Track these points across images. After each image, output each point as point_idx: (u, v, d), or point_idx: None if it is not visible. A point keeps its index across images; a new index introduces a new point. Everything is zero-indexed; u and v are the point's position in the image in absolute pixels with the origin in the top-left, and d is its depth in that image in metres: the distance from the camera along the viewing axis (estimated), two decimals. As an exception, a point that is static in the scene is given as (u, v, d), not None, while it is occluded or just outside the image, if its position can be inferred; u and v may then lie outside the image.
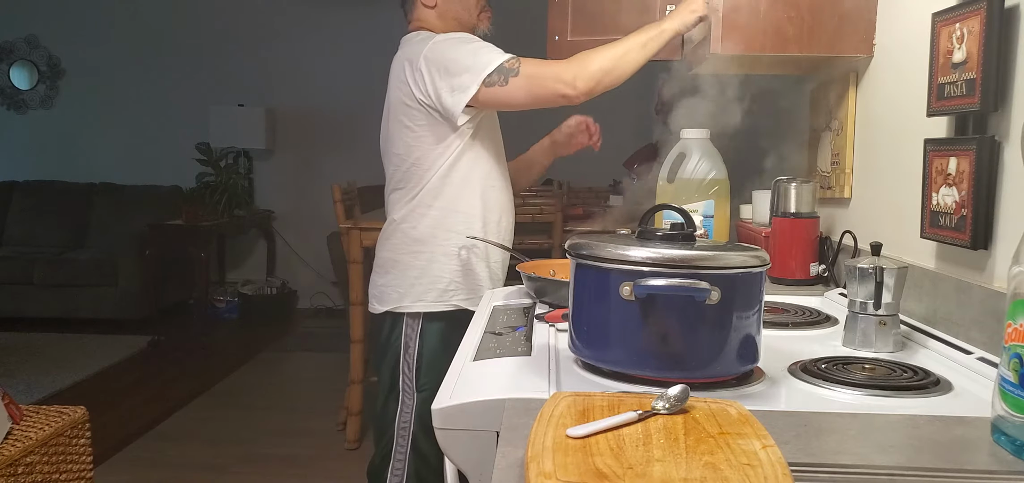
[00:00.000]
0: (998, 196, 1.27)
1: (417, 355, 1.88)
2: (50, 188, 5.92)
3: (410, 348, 1.88)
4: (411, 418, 1.88)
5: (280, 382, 4.44)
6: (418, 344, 1.88)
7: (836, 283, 1.83)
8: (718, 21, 1.74)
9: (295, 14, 5.94)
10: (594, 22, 2.21)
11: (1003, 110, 1.26)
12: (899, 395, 1.05)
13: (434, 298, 1.87)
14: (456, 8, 1.90)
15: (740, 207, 2.24)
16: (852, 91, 1.87)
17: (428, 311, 1.87)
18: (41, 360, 4.49)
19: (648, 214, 1.17)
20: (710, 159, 1.82)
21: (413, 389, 1.88)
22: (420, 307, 1.88)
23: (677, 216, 1.16)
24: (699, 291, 0.98)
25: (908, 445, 0.90)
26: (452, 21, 1.90)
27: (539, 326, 1.39)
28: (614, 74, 1.72)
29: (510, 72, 1.75)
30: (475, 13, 1.91)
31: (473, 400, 1.03)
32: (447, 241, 1.87)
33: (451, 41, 1.79)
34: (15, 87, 6.24)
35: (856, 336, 1.30)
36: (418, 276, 1.87)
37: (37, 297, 5.29)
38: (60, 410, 2.34)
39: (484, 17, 1.93)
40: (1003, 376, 0.83)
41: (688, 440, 0.79)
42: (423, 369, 1.89)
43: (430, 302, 1.88)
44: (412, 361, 1.88)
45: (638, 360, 1.04)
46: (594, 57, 1.72)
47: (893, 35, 1.69)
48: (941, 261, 1.45)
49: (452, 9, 1.90)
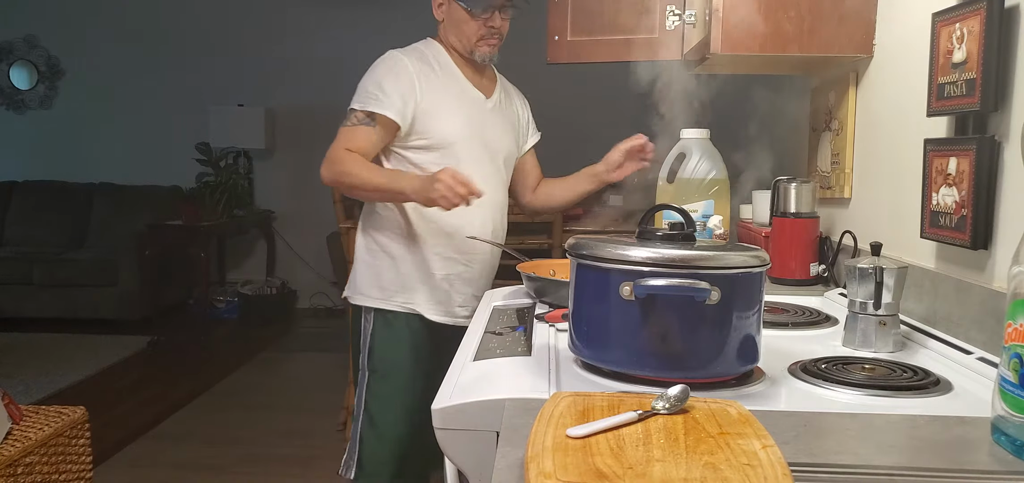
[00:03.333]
0: (998, 196, 1.27)
1: (368, 346, 1.97)
2: (50, 188, 5.91)
3: (362, 338, 1.99)
4: (362, 404, 1.97)
5: (280, 382, 4.44)
6: (369, 336, 1.97)
7: (836, 283, 1.83)
8: (718, 21, 1.74)
9: (295, 14, 5.94)
10: (594, 22, 2.20)
11: (1003, 110, 1.26)
12: (899, 395, 1.05)
13: (377, 296, 1.96)
14: (453, 30, 1.94)
15: (740, 207, 2.24)
16: (852, 91, 1.87)
17: (376, 307, 1.96)
18: (41, 360, 4.49)
19: (648, 214, 1.17)
20: (710, 159, 1.82)
21: (365, 379, 1.97)
22: (367, 302, 1.97)
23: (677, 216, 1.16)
24: (699, 291, 0.98)
25: (908, 445, 0.90)
26: (452, 39, 1.95)
27: (539, 326, 1.39)
28: (347, 188, 1.90)
29: (349, 119, 1.87)
30: (473, 40, 1.91)
31: (473, 400, 1.03)
32: (389, 243, 1.95)
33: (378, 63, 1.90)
34: (15, 87, 6.24)
35: (856, 336, 1.30)
36: (365, 272, 1.98)
37: (37, 297, 5.29)
38: (60, 410, 2.34)
39: (483, 44, 1.92)
40: (1003, 376, 0.83)
41: (688, 440, 0.79)
42: (373, 361, 1.97)
43: (375, 299, 1.96)
44: (364, 350, 1.98)
45: (638, 360, 1.04)
46: (350, 166, 1.83)
47: (893, 35, 1.69)
48: (941, 261, 1.44)
49: (451, 29, 1.94)
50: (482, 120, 1.97)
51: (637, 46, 2.16)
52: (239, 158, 5.92)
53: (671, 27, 2.07)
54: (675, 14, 2.05)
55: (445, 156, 1.88)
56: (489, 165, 1.97)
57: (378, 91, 1.85)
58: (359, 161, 1.84)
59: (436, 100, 1.89)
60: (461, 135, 1.91)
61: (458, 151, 1.90)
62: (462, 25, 1.91)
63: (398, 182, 1.83)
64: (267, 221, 6.09)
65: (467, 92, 1.96)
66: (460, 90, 1.96)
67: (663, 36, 2.11)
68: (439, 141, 1.89)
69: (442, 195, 1.72)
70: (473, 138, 1.93)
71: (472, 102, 1.97)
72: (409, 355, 1.96)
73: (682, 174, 1.82)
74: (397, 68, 1.87)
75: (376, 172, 1.87)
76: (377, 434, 1.93)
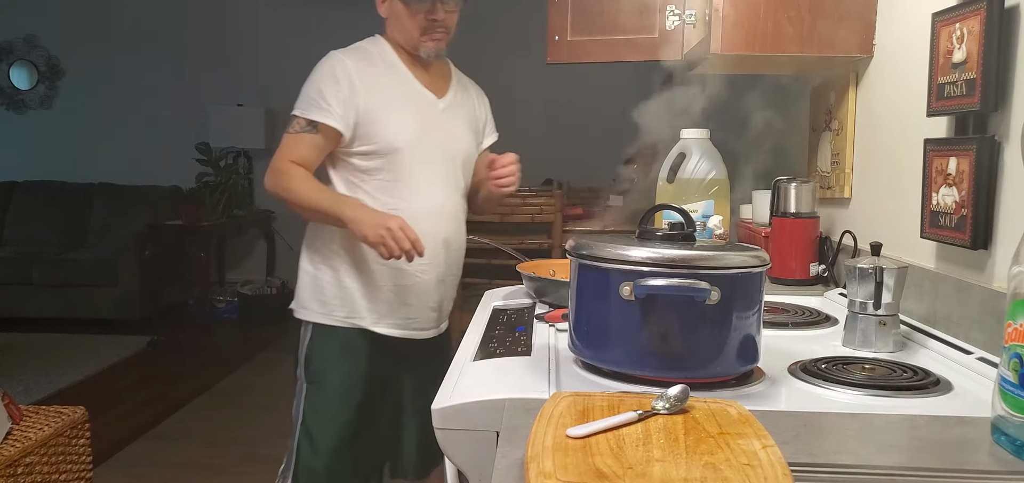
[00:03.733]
0: (998, 196, 1.27)
1: (305, 357, 1.90)
2: (50, 188, 5.91)
3: (301, 347, 1.91)
4: (299, 415, 1.90)
5: (280, 382, 4.43)
6: (306, 347, 1.89)
7: (836, 283, 1.83)
8: (718, 21, 1.74)
9: (295, 14, 5.94)
10: (594, 22, 2.20)
11: (1003, 110, 1.26)
12: (899, 395, 1.05)
13: (318, 310, 1.87)
14: (396, 26, 1.83)
15: (740, 207, 2.24)
16: (852, 91, 1.87)
17: (315, 321, 1.88)
18: (41, 360, 4.49)
19: (648, 214, 1.17)
20: (710, 159, 1.82)
21: (302, 391, 1.90)
22: (307, 316, 1.89)
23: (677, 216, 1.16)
24: (699, 291, 0.98)
25: (908, 445, 0.90)
26: (397, 36, 1.85)
27: (539, 326, 1.39)
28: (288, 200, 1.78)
29: (292, 126, 1.80)
30: (416, 35, 1.79)
31: (473, 400, 1.03)
32: (331, 255, 1.86)
33: (319, 66, 1.81)
34: (14, 87, 6.24)
35: (856, 336, 1.30)
36: (308, 285, 1.89)
37: (37, 297, 5.29)
38: (59, 410, 2.34)
39: (427, 39, 1.80)
40: (1003, 376, 0.83)
41: (688, 440, 0.79)
42: (309, 373, 1.89)
43: (315, 313, 1.88)
44: (301, 361, 1.91)
45: (638, 360, 1.04)
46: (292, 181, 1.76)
47: (893, 35, 1.69)
48: (941, 261, 1.44)
49: (395, 26, 1.84)
50: (433, 121, 1.85)
51: (637, 46, 2.16)
52: (239, 158, 5.92)
53: (671, 27, 2.07)
54: (675, 14, 2.05)
55: (392, 162, 1.79)
56: (442, 168, 1.86)
57: (318, 97, 1.76)
58: (302, 177, 1.76)
59: (380, 102, 1.79)
60: (409, 138, 1.79)
61: (406, 156, 1.79)
62: (404, 20, 1.80)
63: (339, 207, 1.75)
64: (267, 221, 6.09)
65: (416, 92, 1.85)
66: (408, 90, 1.84)
67: (663, 36, 2.11)
68: (385, 146, 1.78)
69: (384, 242, 1.66)
70: (424, 141, 1.82)
71: (422, 102, 1.85)
72: (349, 369, 1.87)
73: (682, 174, 1.82)
74: (337, 71, 1.77)
75: (318, 192, 1.78)
76: (313, 448, 1.86)
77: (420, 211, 1.78)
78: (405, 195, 1.80)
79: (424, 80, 1.86)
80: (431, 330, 1.93)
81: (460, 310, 3.36)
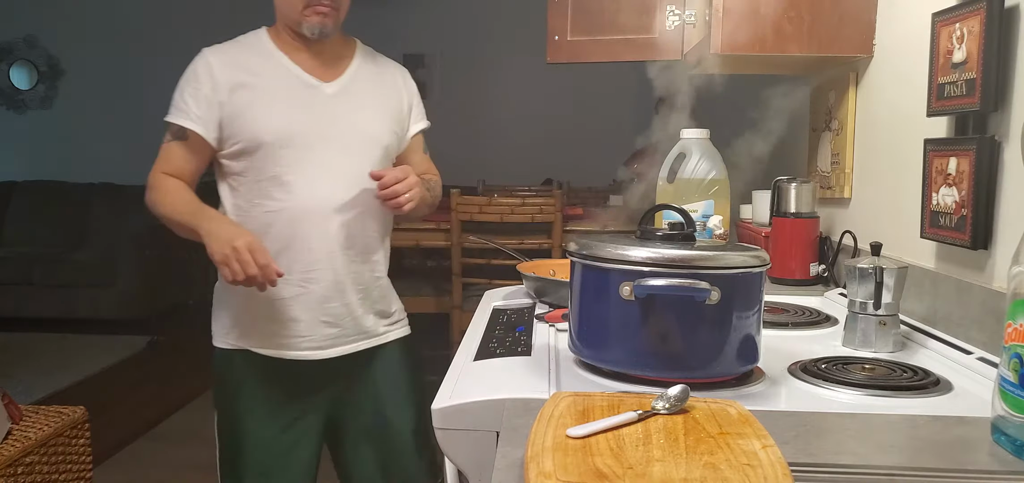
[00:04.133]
0: (998, 196, 1.27)
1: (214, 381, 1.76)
2: (50, 188, 5.91)
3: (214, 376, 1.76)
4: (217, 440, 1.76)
5: (280, 382, 4.44)
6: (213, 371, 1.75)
7: (836, 283, 1.83)
8: (718, 21, 1.74)
9: (295, 14, 5.96)
10: (594, 22, 2.20)
11: (1003, 110, 1.26)
12: (899, 395, 1.05)
13: (217, 331, 1.73)
14: (279, 6, 1.66)
15: (740, 207, 2.24)
16: (852, 91, 1.87)
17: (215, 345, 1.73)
18: (41, 360, 4.49)
19: (648, 214, 1.17)
20: (710, 159, 1.81)
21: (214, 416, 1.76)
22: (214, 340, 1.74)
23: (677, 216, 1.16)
24: (699, 291, 0.98)
25: (908, 445, 0.90)
26: (280, 14, 1.67)
27: (539, 326, 1.39)
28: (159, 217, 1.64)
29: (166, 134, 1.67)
30: (298, 8, 1.60)
31: (473, 400, 1.03)
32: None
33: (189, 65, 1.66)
34: (14, 87, 6.24)
35: (856, 336, 1.30)
36: (215, 305, 1.75)
37: (37, 297, 5.29)
38: (59, 410, 2.34)
39: (311, 14, 1.60)
40: (1003, 376, 0.83)
41: (688, 440, 0.79)
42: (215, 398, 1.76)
43: (216, 336, 1.73)
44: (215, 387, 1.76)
45: (638, 360, 1.04)
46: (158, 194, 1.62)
47: (893, 35, 1.69)
48: (941, 261, 1.44)
49: (278, 6, 1.66)
50: (318, 110, 1.64)
51: (637, 46, 2.16)
52: (239, 158, 5.92)
53: (671, 27, 2.07)
54: (675, 14, 2.06)
55: (262, 159, 1.60)
56: (333, 161, 1.63)
57: (180, 99, 1.62)
58: (171, 189, 1.62)
59: (246, 95, 1.61)
60: (278, 131, 1.59)
61: (278, 151, 1.60)
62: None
63: (197, 219, 1.56)
64: (267, 221, 6.09)
65: (292, 79, 1.65)
66: (281, 78, 1.64)
67: (663, 36, 2.12)
68: (249, 142, 1.60)
69: (227, 263, 1.47)
70: (304, 133, 1.62)
71: (302, 91, 1.64)
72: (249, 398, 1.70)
73: (682, 174, 1.82)
74: (198, 69, 1.62)
75: (183, 204, 1.61)
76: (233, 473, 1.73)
77: (302, 210, 1.60)
78: (281, 195, 1.61)
79: (309, 65, 1.66)
80: (342, 346, 1.69)
81: (460, 310, 3.36)
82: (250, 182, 1.63)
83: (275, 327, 1.66)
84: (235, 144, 1.61)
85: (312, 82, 1.65)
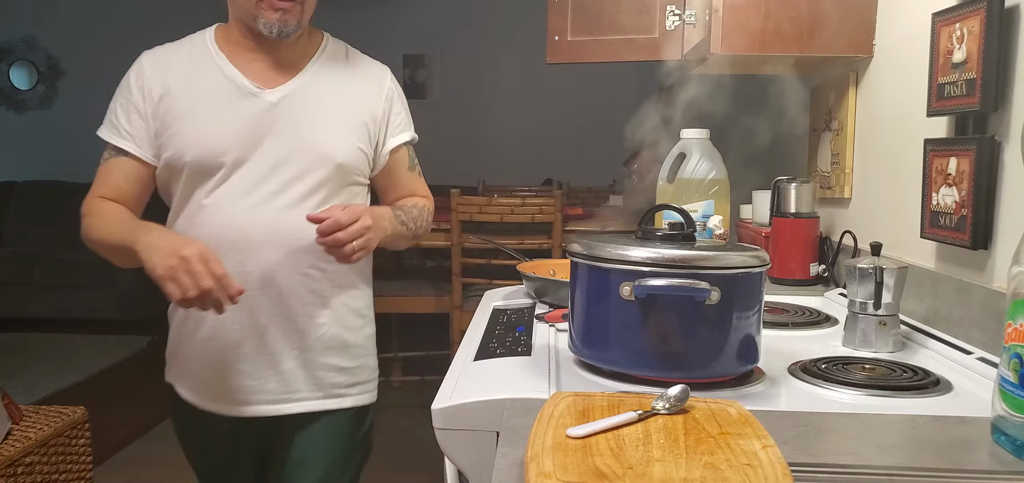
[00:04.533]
0: (998, 196, 1.27)
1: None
2: (49, 188, 5.91)
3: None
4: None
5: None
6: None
7: (836, 283, 1.83)
8: (718, 21, 1.74)
9: (295, 14, 5.96)
10: (594, 22, 2.20)
11: (1003, 110, 1.26)
12: (899, 395, 1.05)
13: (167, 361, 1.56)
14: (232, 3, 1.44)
15: (740, 207, 2.24)
16: (852, 91, 1.87)
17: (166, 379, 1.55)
18: (41, 360, 4.49)
19: (648, 214, 1.17)
20: (710, 159, 1.82)
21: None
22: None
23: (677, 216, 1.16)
24: (699, 291, 0.98)
25: (908, 445, 0.90)
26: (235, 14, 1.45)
27: (539, 326, 1.39)
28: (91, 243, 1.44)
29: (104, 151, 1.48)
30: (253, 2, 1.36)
31: (473, 400, 1.03)
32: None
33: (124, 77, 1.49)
34: (14, 87, 6.25)
35: (856, 336, 1.30)
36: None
37: (36, 297, 5.29)
38: (59, 410, 2.34)
39: (267, 9, 1.35)
40: (1003, 376, 0.83)
41: (688, 440, 0.79)
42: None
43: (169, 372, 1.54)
44: None
45: (638, 360, 1.04)
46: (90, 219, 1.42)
47: (893, 35, 1.69)
48: (941, 261, 1.44)
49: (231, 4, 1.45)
50: (253, 120, 1.39)
51: (637, 46, 2.16)
52: (239, 158, 5.93)
53: (671, 27, 2.07)
54: (675, 14, 2.06)
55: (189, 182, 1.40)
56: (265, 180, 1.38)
57: (113, 115, 1.45)
58: (102, 212, 1.41)
59: (172, 108, 1.40)
60: (205, 150, 1.37)
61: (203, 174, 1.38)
62: None
63: (133, 234, 1.33)
64: (267, 221, 6.09)
65: (229, 88, 1.40)
66: (215, 87, 1.40)
67: (663, 36, 2.12)
68: (173, 157, 1.39)
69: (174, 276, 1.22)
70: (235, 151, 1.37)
71: (236, 101, 1.39)
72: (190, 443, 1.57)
73: (682, 174, 1.82)
74: (131, 77, 1.45)
75: (116, 225, 1.39)
76: None
77: (219, 239, 1.34)
78: (202, 220, 1.40)
79: (255, 70, 1.42)
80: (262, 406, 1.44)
81: (460, 310, 3.36)
82: (177, 209, 1.44)
83: (194, 369, 1.46)
84: (162, 160, 1.41)
85: (251, 89, 1.40)
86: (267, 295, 1.40)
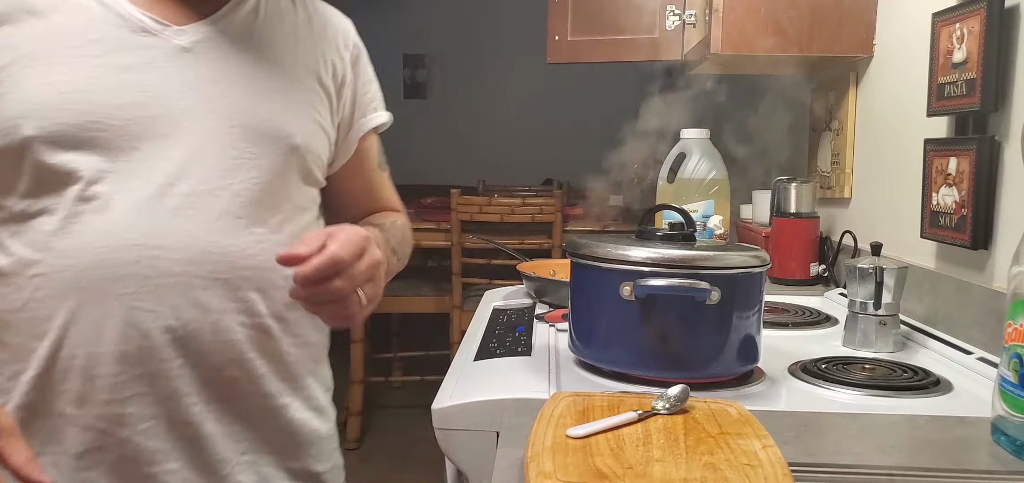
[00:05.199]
0: (998, 196, 1.27)
1: None
2: None
3: None
4: None
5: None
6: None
7: (836, 283, 1.83)
8: (718, 21, 1.74)
9: (295, 14, 5.95)
10: (594, 22, 2.21)
11: (1003, 110, 1.26)
12: (899, 395, 1.05)
13: None
14: None
15: (740, 207, 2.24)
16: (852, 91, 1.87)
17: None
18: (41, 360, 4.48)
19: (648, 214, 1.17)
20: (710, 159, 1.82)
21: None
22: None
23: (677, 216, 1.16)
24: (699, 291, 0.98)
25: (908, 445, 0.90)
26: None
27: (539, 326, 1.39)
28: None
29: None
30: None
31: (473, 400, 1.03)
32: None
33: None
34: None
35: (856, 336, 1.30)
36: None
37: None
38: (60, 410, 2.33)
39: None
40: (1003, 376, 0.84)
41: (688, 440, 0.79)
42: None
43: None
44: None
45: (638, 360, 1.04)
46: None
47: (893, 35, 1.69)
48: (941, 261, 1.44)
49: None
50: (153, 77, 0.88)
51: (637, 46, 2.16)
52: (239, 158, 5.91)
53: (671, 27, 2.07)
54: (675, 14, 2.06)
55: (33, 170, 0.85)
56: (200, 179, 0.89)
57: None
58: None
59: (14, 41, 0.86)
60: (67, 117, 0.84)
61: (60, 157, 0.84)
62: None
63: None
64: (267, 221, 6.09)
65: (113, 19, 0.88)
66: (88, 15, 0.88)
67: (663, 36, 2.12)
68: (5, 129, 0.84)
69: None
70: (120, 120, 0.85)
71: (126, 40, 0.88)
72: None
73: (682, 174, 1.82)
74: None
75: None
76: None
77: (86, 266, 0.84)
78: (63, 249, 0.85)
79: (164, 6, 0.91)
80: None
81: (460, 310, 3.36)
82: (15, 229, 0.86)
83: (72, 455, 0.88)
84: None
85: (147, 24, 0.89)
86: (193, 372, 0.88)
